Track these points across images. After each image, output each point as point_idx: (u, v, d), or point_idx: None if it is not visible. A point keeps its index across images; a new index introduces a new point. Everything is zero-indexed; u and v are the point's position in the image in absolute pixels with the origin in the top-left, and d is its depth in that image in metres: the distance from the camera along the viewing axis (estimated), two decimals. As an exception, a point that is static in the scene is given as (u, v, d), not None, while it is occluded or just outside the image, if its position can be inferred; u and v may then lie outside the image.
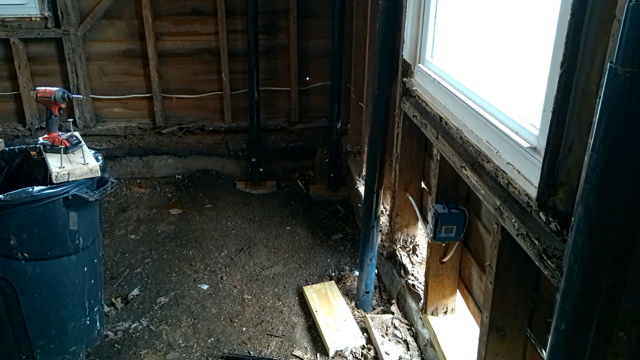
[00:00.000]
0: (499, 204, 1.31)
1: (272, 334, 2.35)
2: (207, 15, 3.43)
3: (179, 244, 3.01)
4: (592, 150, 0.80)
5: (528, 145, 1.26)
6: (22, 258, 1.81)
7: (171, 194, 3.57)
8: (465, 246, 1.85)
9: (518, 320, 1.42)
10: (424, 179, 2.22)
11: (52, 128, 2.08)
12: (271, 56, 3.58)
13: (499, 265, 1.38)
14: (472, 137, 1.55)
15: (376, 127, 2.17)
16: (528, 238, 1.17)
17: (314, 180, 3.72)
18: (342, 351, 2.21)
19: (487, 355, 1.46)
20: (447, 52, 1.94)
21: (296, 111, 3.72)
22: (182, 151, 3.72)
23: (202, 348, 2.27)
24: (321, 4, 3.50)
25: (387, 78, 2.11)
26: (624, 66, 0.73)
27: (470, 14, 1.88)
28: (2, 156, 2.14)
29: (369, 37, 2.80)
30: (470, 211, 1.79)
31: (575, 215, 0.88)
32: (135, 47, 3.48)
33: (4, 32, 3.25)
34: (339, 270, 2.80)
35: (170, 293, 2.60)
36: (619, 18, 0.88)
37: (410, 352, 2.10)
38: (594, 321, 0.88)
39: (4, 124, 3.51)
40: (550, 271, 1.09)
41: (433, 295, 1.97)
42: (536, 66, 1.28)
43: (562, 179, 1.10)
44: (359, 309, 2.46)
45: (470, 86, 1.65)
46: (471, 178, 1.48)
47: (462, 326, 1.96)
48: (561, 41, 1.04)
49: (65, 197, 1.83)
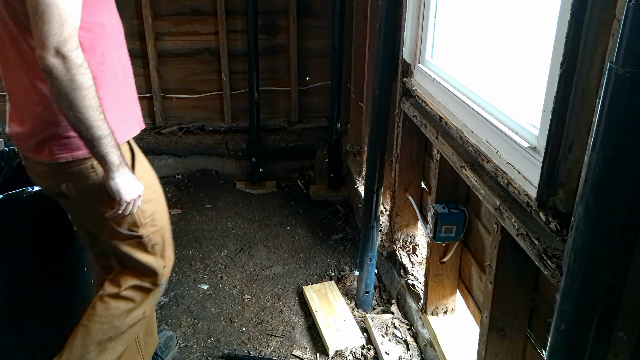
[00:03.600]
0: (499, 204, 1.31)
1: (272, 334, 2.35)
2: (207, 15, 3.43)
3: (179, 244, 3.01)
4: (592, 150, 0.80)
5: (528, 145, 1.26)
6: (22, 258, 1.80)
7: (171, 194, 3.57)
8: (465, 246, 1.86)
9: (518, 320, 1.42)
10: (424, 179, 2.22)
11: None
12: (271, 56, 3.58)
13: (498, 265, 1.38)
14: (472, 137, 1.55)
15: (376, 127, 2.17)
16: (528, 238, 1.17)
17: (314, 180, 3.72)
18: (342, 351, 2.21)
19: (487, 355, 1.46)
20: (447, 52, 1.94)
21: (296, 111, 3.72)
22: (182, 151, 3.72)
23: (202, 348, 2.27)
24: (321, 4, 3.50)
25: (387, 78, 2.11)
26: (624, 66, 0.73)
27: (470, 13, 1.88)
28: (2, 156, 2.13)
29: (369, 37, 2.80)
30: (470, 211, 1.79)
31: (575, 215, 0.88)
32: (135, 47, 3.48)
33: (3, 32, 3.25)
34: (339, 270, 2.80)
35: (170, 293, 2.60)
36: (619, 18, 0.88)
37: (410, 352, 2.10)
38: (594, 321, 0.88)
39: (4, 124, 3.51)
40: (550, 271, 1.09)
41: (433, 295, 1.97)
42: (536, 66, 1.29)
43: (562, 179, 1.10)
44: (359, 309, 2.47)
45: (470, 86, 1.65)
46: (471, 178, 1.48)
47: (462, 326, 1.97)
48: (561, 41, 1.04)
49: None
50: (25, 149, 1.52)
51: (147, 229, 1.60)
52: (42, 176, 1.54)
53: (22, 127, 1.50)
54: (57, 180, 1.50)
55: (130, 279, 1.67)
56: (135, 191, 1.47)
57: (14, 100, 1.51)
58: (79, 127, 1.33)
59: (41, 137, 1.45)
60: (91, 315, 1.67)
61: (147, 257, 1.65)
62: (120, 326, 1.68)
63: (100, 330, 1.66)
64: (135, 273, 1.67)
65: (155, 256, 1.67)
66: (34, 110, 1.44)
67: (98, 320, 1.66)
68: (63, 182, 1.49)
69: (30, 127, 1.47)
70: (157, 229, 1.64)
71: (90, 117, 1.31)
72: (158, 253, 1.68)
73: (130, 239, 1.59)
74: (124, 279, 1.67)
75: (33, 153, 1.49)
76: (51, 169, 1.48)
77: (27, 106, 1.46)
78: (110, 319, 1.67)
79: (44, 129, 1.44)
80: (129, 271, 1.67)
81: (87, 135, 1.34)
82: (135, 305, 1.70)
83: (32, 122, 1.46)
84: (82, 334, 1.67)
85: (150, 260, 1.66)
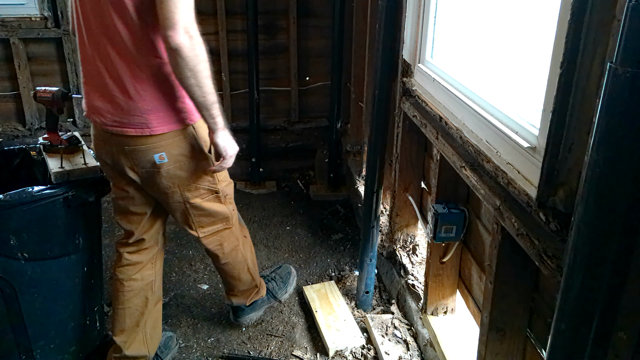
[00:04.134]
0: (499, 204, 1.31)
1: (272, 334, 2.35)
2: (207, 15, 3.43)
3: (179, 244, 3.01)
4: (592, 150, 0.80)
5: (528, 145, 1.26)
6: (21, 258, 1.81)
7: (171, 194, 3.57)
8: (465, 246, 1.86)
9: (518, 320, 1.42)
10: (424, 179, 2.22)
11: (52, 128, 2.07)
12: (271, 56, 3.57)
13: (499, 265, 1.38)
14: (472, 137, 1.55)
15: (376, 127, 2.17)
16: (528, 238, 1.17)
17: (314, 180, 3.72)
18: (342, 351, 2.21)
19: (487, 355, 1.46)
20: (447, 52, 1.94)
21: (296, 111, 3.72)
22: (182, 151, 3.71)
23: (202, 348, 2.27)
24: (321, 4, 3.50)
25: (387, 78, 2.11)
26: (624, 66, 0.73)
27: (470, 13, 1.88)
28: (2, 156, 2.14)
29: (369, 37, 2.79)
30: (470, 211, 1.79)
31: (575, 215, 0.88)
32: (135, 47, 3.48)
33: (3, 32, 3.25)
34: (339, 270, 2.80)
35: (170, 293, 2.60)
36: (619, 18, 0.88)
37: (410, 352, 2.10)
38: (594, 321, 0.88)
39: (4, 124, 3.51)
40: (550, 271, 1.09)
41: (433, 295, 1.97)
42: (536, 66, 1.29)
43: (562, 179, 1.10)
44: (359, 309, 2.46)
45: (470, 86, 1.65)
46: (471, 178, 1.48)
47: (462, 326, 1.97)
48: (561, 41, 1.04)
49: (65, 197, 1.83)
50: (113, 126, 1.69)
51: (221, 184, 1.91)
52: (130, 151, 1.71)
53: (111, 105, 1.67)
54: (150, 152, 1.70)
55: (209, 227, 1.98)
56: (235, 147, 1.80)
57: (101, 80, 1.67)
58: (199, 94, 1.60)
59: (137, 114, 1.64)
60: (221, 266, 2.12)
61: (221, 206, 1.95)
62: (235, 253, 2.11)
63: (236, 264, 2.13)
64: (210, 223, 1.97)
65: (227, 205, 1.98)
66: (128, 89, 1.63)
67: (230, 263, 2.11)
68: (157, 152, 1.70)
69: (124, 105, 1.65)
70: (226, 184, 1.96)
71: (208, 85, 1.60)
72: (228, 202, 1.99)
73: (210, 194, 1.88)
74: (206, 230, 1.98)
75: (123, 129, 1.67)
76: (145, 142, 1.68)
77: (120, 86, 1.64)
78: (229, 255, 2.08)
79: (140, 106, 1.64)
80: (206, 223, 1.96)
81: (204, 102, 1.62)
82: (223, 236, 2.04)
83: (126, 101, 1.64)
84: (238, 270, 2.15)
85: (224, 209, 1.96)
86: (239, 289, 2.23)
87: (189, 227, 1.93)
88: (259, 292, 2.32)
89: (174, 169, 1.75)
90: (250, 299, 2.28)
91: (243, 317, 2.32)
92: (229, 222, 2.01)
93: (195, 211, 1.88)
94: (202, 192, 1.85)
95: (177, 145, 1.72)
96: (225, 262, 2.09)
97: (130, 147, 1.70)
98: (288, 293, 2.46)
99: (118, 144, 1.72)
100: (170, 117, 1.68)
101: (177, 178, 1.78)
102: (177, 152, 1.72)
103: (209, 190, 1.87)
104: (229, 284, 2.22)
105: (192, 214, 1.89)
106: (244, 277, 2.19)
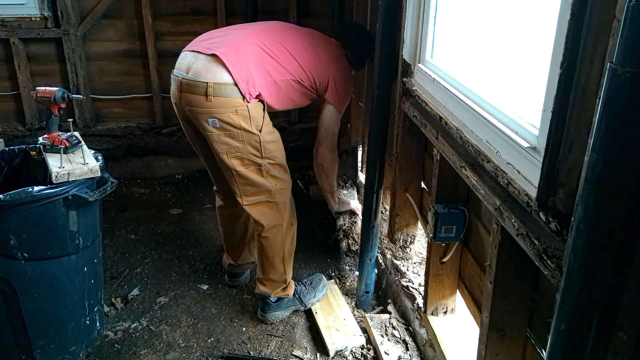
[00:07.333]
0: (499, 204, 1.31)
1: (272, 334, 2.35)
2: (207, 15, 3.43)
3: (179, 244, 3.01)
4: (592, 150, 0.80)
5: (528, 145, 1.26)
6: (22, 258, 1.81)
7: (171, 194, 3.57)
8: (465, 246, 1.85)
9: (518, 320, 1.42)
10: (424, 179, 2.22)
11: (52, 128, 2.08)
12: (271, 56, 3.57)
13: (499, 265, 1.38)
14: (472, 137, 1.55)
15: (376, 127, 2.17)
16: (528, 238, 1.17)
17: (313, 180, 3.72)
18: (342, 351, 2.21)
19: (487, 355, 1.46)
20: (446, 52, 1.94)
21: (296, 111, 3.72)
22: (182, 151, 3.72)
23: (202, 348, 2.27)
24: (321, 4, 3.50)
25: (387, 78, 2.11)
26: (624, 66, 0.73)
27: (470, 13, 1.88)
28: (2, 156, 2.14)
29: (368, 37, 2.79)
30: (470, 211, 1.79)
31: (575, 215, 0.88)
32: (135, 47, 3.48)
33: (3, 32, 3.25)
34: (339, 270, 2.80)
35: (170, 293, 2.60)
36: (619, 18, 0.88)
37: (409, 352, 2.09)
38: (594, 321, 0.88)
39: (4, 124, 3.51)
40: (550, 271, 1.09)
41: (433, 295, 1.97)
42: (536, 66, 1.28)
43: (562, 179, 1.10)
44: (359, 309, 2.47)
45: (470, 86, 1.65)
46: (471, 178, 1.48)
47: (462, 326, 1.96)
48: (561, 41, 1.04)
49: (65, 197, 1.83)
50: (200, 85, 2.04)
51: (265, 160, 2.17)
52: (198, 110, 2.06)
53: (211, 70, 2.04)
54: (205, 115, 2.06)
55: (252, 197, 2.23)
56: (349, 204, 2.83)
57: (232, 49, 2.09)
58: (327, 188, 2.58)
59: (226, 84, 2.02)
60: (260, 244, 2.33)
61: (263, 179, 2.20)
62: (276, 231, 2.32)
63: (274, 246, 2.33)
64: (253, 193, 2.22)
65: (269, 179, 2.21)
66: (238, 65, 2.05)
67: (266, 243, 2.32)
68: (211, 117, 2.05)
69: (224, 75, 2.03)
70: (274, 163, 2.21)
71: (333, 184, 2.59)
72: (270, 176, 2.21)
73: (253, 165, 2.16)
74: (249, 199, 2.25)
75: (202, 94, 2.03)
76: (211, 107, 2.03)
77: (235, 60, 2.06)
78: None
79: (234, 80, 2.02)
80: (250, 192, 2.22)
81: (330, 192, 2.63)
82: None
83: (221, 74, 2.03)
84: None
85: (265, 182, 2.20)
86: (268, 276, 2.34)
87: (236, 194, 2.21)
88: (286, 289, 2.40)
89: (223, 136, 2.07)
90: (275, 292, 2.37)
91: (269, 312, 2.39)
92: (271, 195, 2.23)
93: (240, 179, 2.16)
94: (246, 162, 2.13)
95: (228, 117, 2.04)
96: (266, 235, 2.27)
97: (200, 109, 2.06)
98: (316, 299, 2.49)
99: (192, 103, 2.08)
100: (234, 93, 2.03)
101: (226, 145, 2.08)
102: (227, 121, 2.04)
103: (252, 162, 2.14)
104: (262, 267, 2.35)
105: (237, 182, 2.17)
106: (277, 263, 2.32)
